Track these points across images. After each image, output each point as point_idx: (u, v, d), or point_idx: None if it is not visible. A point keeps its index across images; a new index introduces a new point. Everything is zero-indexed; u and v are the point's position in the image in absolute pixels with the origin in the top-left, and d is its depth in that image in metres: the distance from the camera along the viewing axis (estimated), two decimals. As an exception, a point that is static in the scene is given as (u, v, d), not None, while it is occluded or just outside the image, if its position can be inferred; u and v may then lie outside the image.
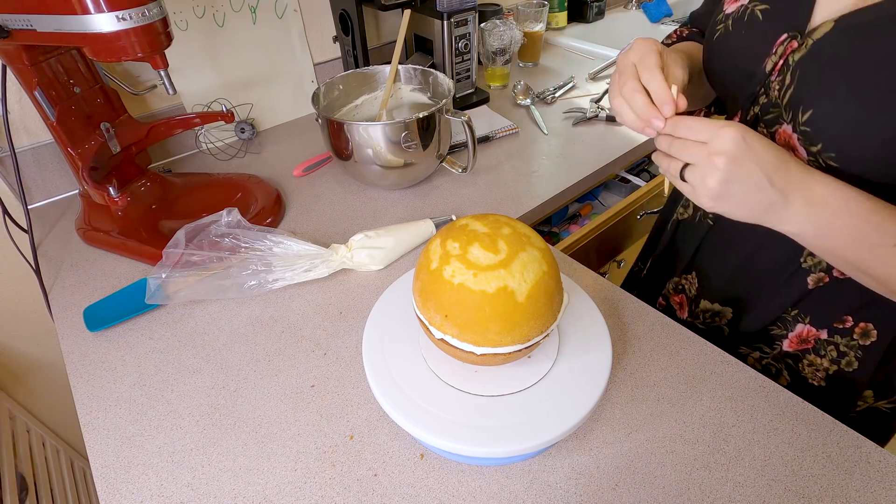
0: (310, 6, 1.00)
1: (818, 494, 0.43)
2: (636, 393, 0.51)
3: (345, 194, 0.83)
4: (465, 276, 0.39)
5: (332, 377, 0.55)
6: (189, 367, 0.57)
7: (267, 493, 0.46)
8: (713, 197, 0.41)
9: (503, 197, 0.81)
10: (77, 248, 0.75)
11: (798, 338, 0.56)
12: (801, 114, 0.44)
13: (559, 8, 1.43)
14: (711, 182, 0.40)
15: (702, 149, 0.41)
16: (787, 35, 0.46)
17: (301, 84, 1.05)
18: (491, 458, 0.44)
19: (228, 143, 0.98)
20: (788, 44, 0.46)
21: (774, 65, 0.47)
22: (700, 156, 0.41)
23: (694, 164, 0.42)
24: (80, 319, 0.63)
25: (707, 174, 0.40)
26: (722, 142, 0.39)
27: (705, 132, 0.41)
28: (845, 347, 0.54)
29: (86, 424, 0.52)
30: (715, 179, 0.40)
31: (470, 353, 0.41)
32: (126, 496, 0.46)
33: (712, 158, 0.40)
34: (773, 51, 0.47)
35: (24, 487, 0.82)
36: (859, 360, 0.54)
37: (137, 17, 0.55)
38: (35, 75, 0.65)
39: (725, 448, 0.47)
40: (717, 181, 0.40)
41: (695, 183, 0.42)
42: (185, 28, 0.87)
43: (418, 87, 0.88)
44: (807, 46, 0.44)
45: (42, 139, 0.83)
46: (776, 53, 0.47)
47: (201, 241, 0.65)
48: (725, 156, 0.39)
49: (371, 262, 0.67)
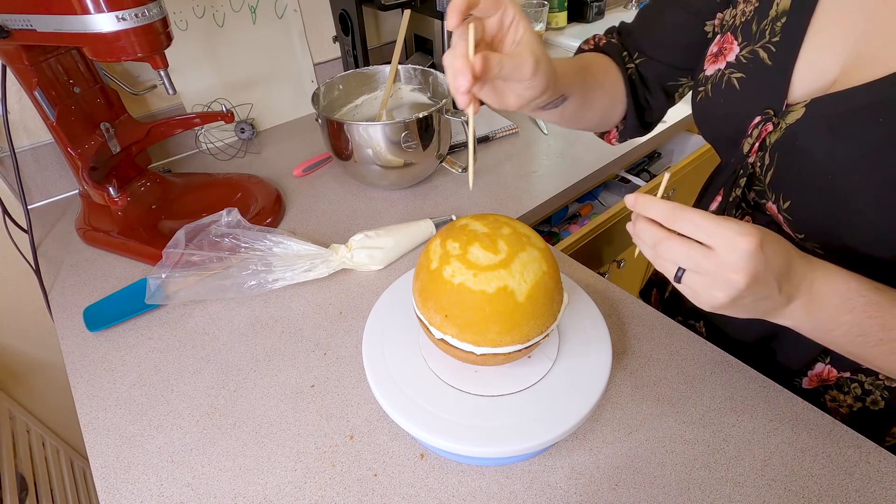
0: (310, 6, 1.00)
1: (818, 494, 0.43)
2: (636, 393, 0.51)
3: (345, 194, 0.83)
4: (465, 276, 0.39)
5: (332, 377, 0.55)
6: (189, 367, 0.57)
7: (267, 493, 0.46)
8: (717, 307, 0.35)
9: (503, 197, 0.81)
10: (77, 248, 0.75)
11: (818, 377, 0.53)
12: (781, 200, 0.44)
13: (559, 8, 1.43)
14: (721, 296, 0.34)
15: (710, 258, 0.33)
16: (761, 118, 0.44)
17: (301, 84, 1.05)
18: (491, 458, 0.44)
19: (228, 143, 0.98)
20: (763, 126, 0.44)
21: (751, 147, 0.45)
22: (708, 267, 0.33)
23: (697, 272, 0.34)
24: (80, 319, 0.63)
25: (716, 288, 0.34)
26: (740, 257, 0.32)
27: (716, 237, 0.33)
28: (870, 386, 0.50)
29: (86, 424, 0.52)
30: (726, 295, 0.34)
31: (470, 353, 0.41)
32: (126, 496, 0.46)
33: (727, 275, 0.33)
34: (749, 132, 0.45)
35: (24, 487, 0.82)
36: (885, 399, 0.50)
37: (137, 17, 0.55)
38: (35, 75, 0.65)
39: (725, 448, 0.47)
40: (729, 297, 0.34)
41: (697, 290, 0.35)
42: (185, 28, 0.87)
43: (418, 87, 0.88)
44: (781, 130, 0.43)
45: (42, 139, 0.83)
46: (752, 136, 0.45)
47: (201, 241, 0.65)
48: (744, 273, 0.32)
49: (371, 262, 0.67)
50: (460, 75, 0.36)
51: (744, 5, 0.48)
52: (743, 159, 0.47)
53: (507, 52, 0.40)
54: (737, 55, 0.47)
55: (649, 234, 0.36)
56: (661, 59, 0.57)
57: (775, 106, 0.44)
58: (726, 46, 0.49)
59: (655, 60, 0.58)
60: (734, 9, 0.49)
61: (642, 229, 0.37)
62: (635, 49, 0.59)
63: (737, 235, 0.32)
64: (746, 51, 0.46)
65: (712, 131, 0.53)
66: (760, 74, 0.45)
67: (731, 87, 0.48)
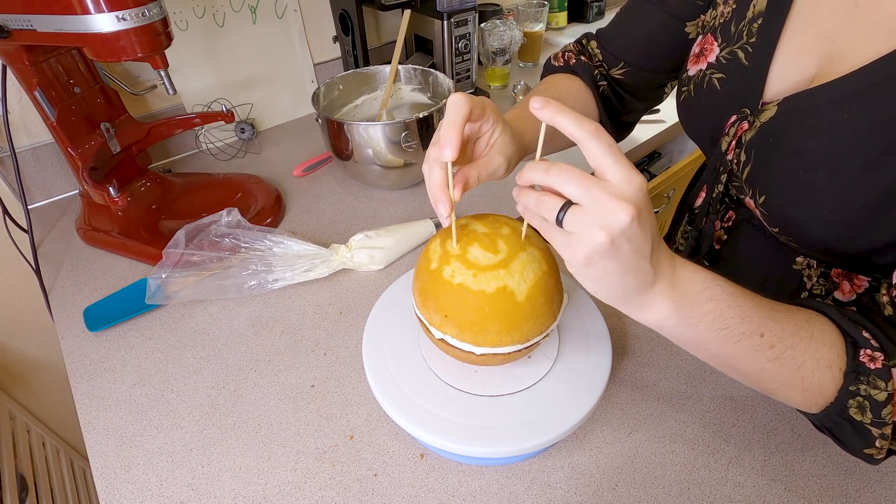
0: (310, 6, 1.00)
1: (818, 494, 0.43)
2: (636, 393, 0.51)
3: (345, 194, 0.83)
4: (465, 276, 0.39)
5: (332, 377, 0.55)
6: (189, 367, 0.57)
7: (267, 493, 0.46)
8: (592, 254, 0.31)
9: (503, 197, 0.81)
10: (77, 248, 0.75)
11: None
12: (758, 195, 0.44)
13: (559, 8, 1.43)
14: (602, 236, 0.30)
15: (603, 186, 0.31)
16: (737, 116, 0.46)
17: (301, 84, 1.05)
18: (491, 458, 0.44)
19: (228, 143, 0.98)
20: (739, 125, 0.45)
21: (728, 144, 0.47)
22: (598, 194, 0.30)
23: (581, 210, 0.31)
24: (80, 319, 0.63)
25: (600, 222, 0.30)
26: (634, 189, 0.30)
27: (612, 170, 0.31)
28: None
29: (86, 424, 0.52)
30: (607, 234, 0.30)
31: (469, 353, 0.41)
32: (126, 496, 0.46)
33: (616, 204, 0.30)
34: (726, 131, 0.47)
35: (24, 487, 0.82)
36: None
37: (137, 18, 0.55)
38: (35, 75, 0.65)
39: (725, 448, 0.47)
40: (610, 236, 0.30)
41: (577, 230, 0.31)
42: (185, 28, 0.87)
43: (418, 87, 0.88)
44: (755, 128, 0.44)
45: (42, 139, 0.83)
46: (729, 134, 0.47)
47: (201, 241, 0.65)
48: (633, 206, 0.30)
49: (371, 262, 0.67)
50: (440, 204, 0.38)
51: (723, 6, 0.49)
52: (722, 157, 0.48)
53: (480, 154, 0.42)
54: (717, 56, 0.48)
55: (538, 165, 0.33)
56: (645, 66, 0.58)
57: (751, 105, 0.45)
58: (707, 47, 0.50)
59: (639, 69, 0.58)
60: (714, 10, 0.50)
61: (524, 193, 0.34)
62: (616, 58, 0.59)
63: (631, 169, 0.31)
64: (726, 51, 0.47)
65: (695, 129, 0.54)
66: (738, 74, 0.46)
67: (712, 87, 0.49)
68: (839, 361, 0.36)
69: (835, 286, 0.48)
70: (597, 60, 0.61)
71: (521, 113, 0.52)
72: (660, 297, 0.34)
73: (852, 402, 0.36)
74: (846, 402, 0.36)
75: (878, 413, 0.35)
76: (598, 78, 0.60)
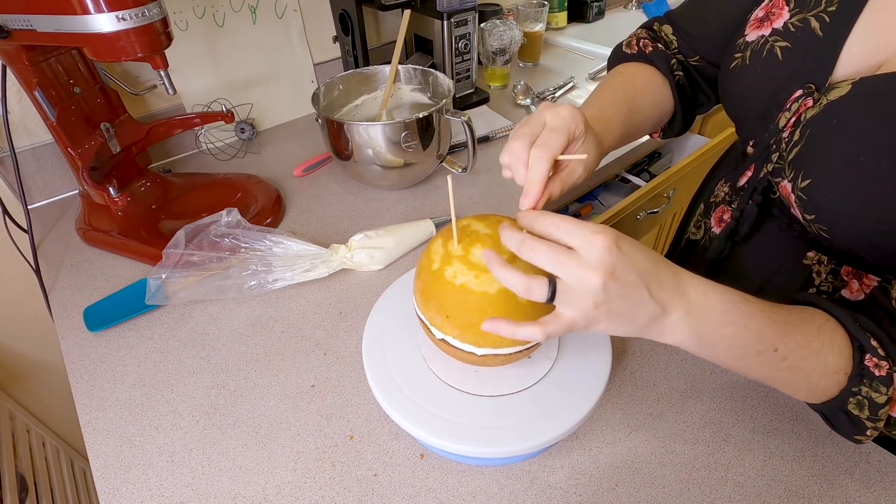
0: (310, 6, 1.00)
1: (818, 494, 0.43)
2: (636, 393, 0.51)
3: (345, 194, 0.83)
4: (467, 277, 0.39)
5: (332, 377, 0.55)
6: (189, 367, 0.57)
7: (267, 493, 0.46)
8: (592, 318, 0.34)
9: (503, 197, 0.81)
10: (77, 248, 0.75)
11: None
12: (800, 179, 0.41)
13: (559, 8, 1.43)
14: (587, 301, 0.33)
15: (573, 256, 0.32)
16: (803, 92, 0.42)
17: (301, 84, 1.05)
18: (491, 458, 0.44)
19: (228, 143, 0.98)
20: (803, 101, 0.42)
21: (787, 121, 0.43)
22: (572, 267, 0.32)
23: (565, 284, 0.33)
24: (80, 319, 0.63)
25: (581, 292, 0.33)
26: (597, 253, 0.32)
27: (574, 235, 0.33)
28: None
29: (86, 424, 0.52)
30: (592, 299, 0.32)
31: (471, 353, 0.41)
32: (126, 496, 0.46)
33: (586, 273, 0.32)
34: (787, 106, 0.43)
35: (24, 487, 0.82)
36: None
37: (137, 18, 0.54)
38: (35, 75, 0.65)
39: (725, 448, 0.47)
40: (594, 301, 0.32)
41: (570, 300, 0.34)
42: (185, 28, 0.87)
43: (418, 87, 0.88)
44: (821, 106, 0.40)
45: (42, 139, 0.83)
46: (790, 110, 0.43)
47: (201, 242, 0.65)
48: (602, 270, 0.31)
49: (371, 262, 0.67)
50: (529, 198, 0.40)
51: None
52: (778, 133, 0.44)
53: (563, 165, 0.44)
54: (785, 22, 0.44)
55: (514, 237, 0.35)
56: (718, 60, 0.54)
57: (818, 81, 0.41)
58: (775, 11, 0.45)
59: (712, 64, 0.56)
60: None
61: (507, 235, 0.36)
62: (692, 50, 0.57)
63: (591, 233, 0.32)
64: (797, 18, 0.43)
65: (740, 102, 0.49)
66: (808, 45, 0.42)
67: (772, 56, 0.44)
68: (845, 367, 0.37)
69: (843, 284, 0.47)
70: (673, 48, 0.59)
71: (599, 113, 0.52)
72: (676, 325, 0.35)
73: (852, 400, 0.37)
74: (846, 399, 0.37)
75: (876, 412, 0.37)
76: (675, 67, 0.57)
